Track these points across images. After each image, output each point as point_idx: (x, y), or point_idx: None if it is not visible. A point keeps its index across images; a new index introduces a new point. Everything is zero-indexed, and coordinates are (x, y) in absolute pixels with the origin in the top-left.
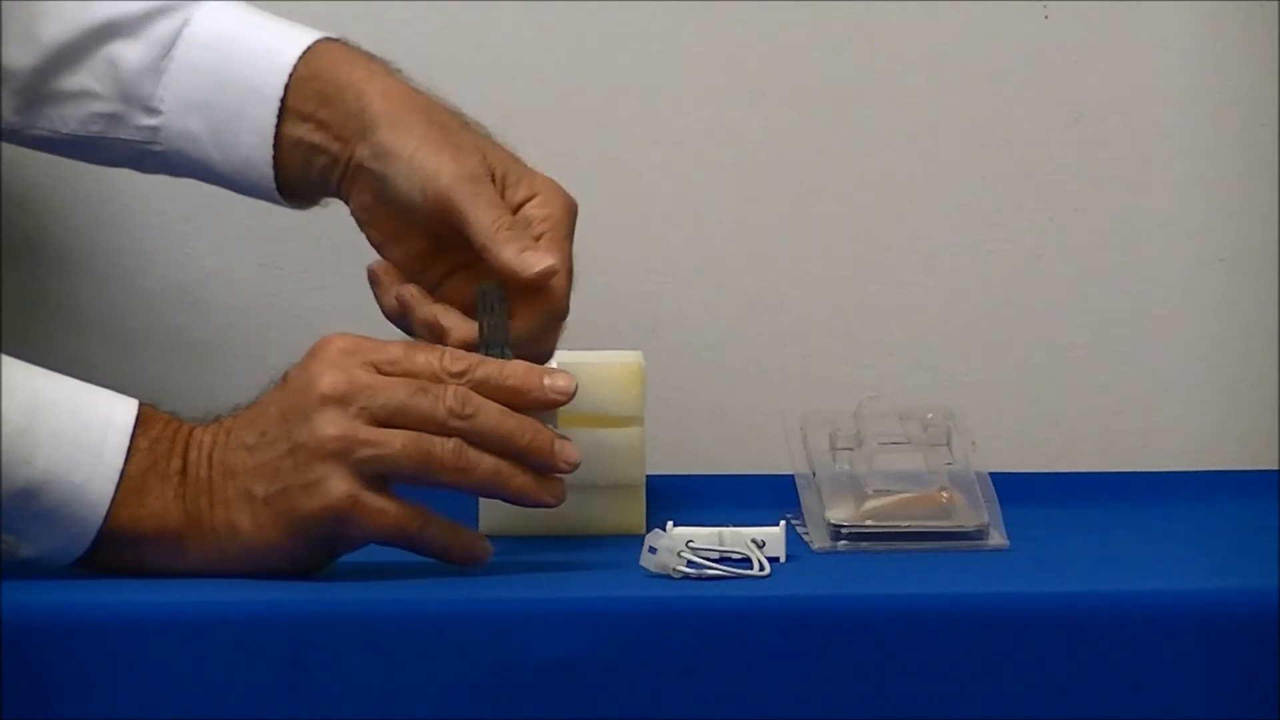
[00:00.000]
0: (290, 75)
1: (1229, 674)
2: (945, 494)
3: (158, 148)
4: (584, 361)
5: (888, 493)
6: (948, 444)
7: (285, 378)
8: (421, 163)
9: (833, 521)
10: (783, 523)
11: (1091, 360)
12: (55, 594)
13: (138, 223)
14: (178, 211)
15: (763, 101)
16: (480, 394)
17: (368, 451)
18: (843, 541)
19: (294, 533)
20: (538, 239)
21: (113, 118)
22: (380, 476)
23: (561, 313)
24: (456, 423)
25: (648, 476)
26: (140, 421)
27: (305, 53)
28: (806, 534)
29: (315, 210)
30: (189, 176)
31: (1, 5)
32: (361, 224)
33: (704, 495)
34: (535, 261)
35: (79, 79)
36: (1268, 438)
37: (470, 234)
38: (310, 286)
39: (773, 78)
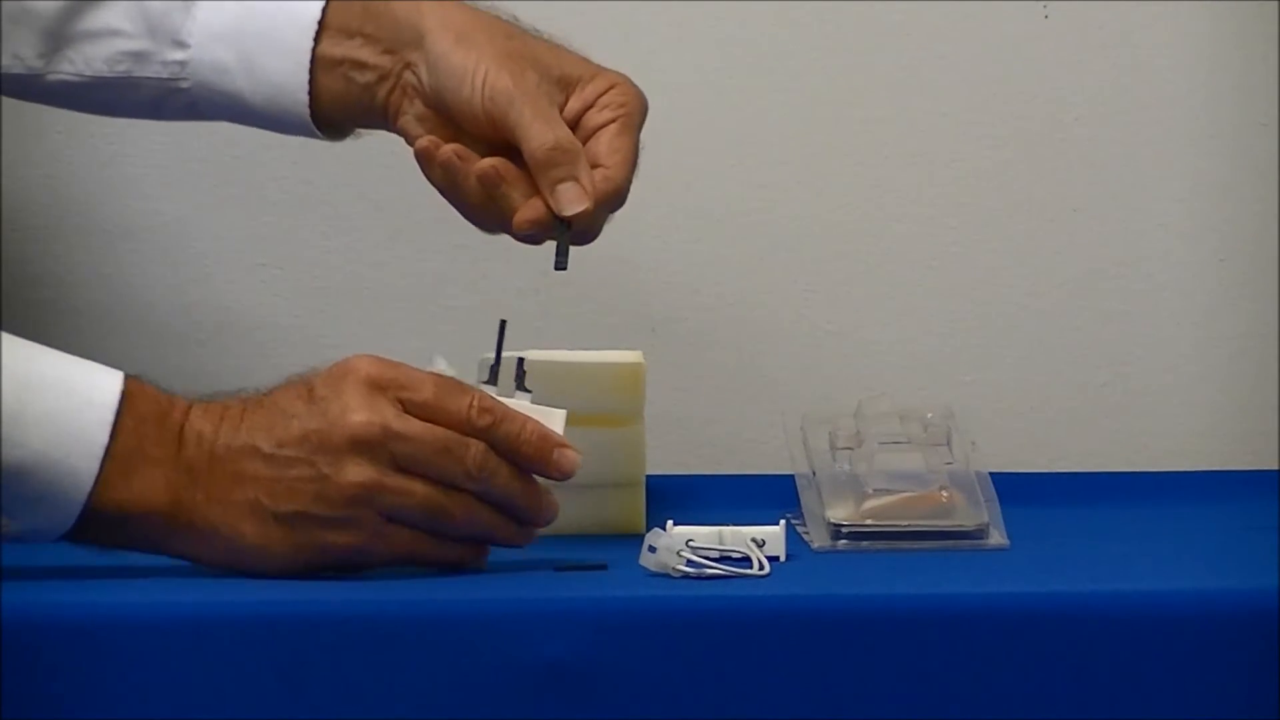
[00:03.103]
0: None
1: (1229, 674)
2: (945, 494)
3: (185, 84)
4: (584, 361)
5: (888, 492)
6: (948, 444)
7: (310, 391)
8: (481, 77)
9: (833, 521)
10: (783, 522)
11: (1091, 360)
12: (55, 594)
13: (138, 223)
14: (177, 211)
15: (762, 101)
16: (496, 446)
17: (391, 498)
18: (843, 541)
19: (306, 554)
20: (610, 124)
21: (139, 55)
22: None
23: (618, 201)
24: (470, 484)
25: (648, 476)
26: (127, 397)
27: None
28: (806, 533)
29: (314, 211)
30: (214, 117)
31: None
32: (410, 136)
33: (704, 495)
34: (567, 204)
35: (105, 17)
36: (1268, 438)
37: (524, 153)
38: (310, 286)
39: (773, 78)
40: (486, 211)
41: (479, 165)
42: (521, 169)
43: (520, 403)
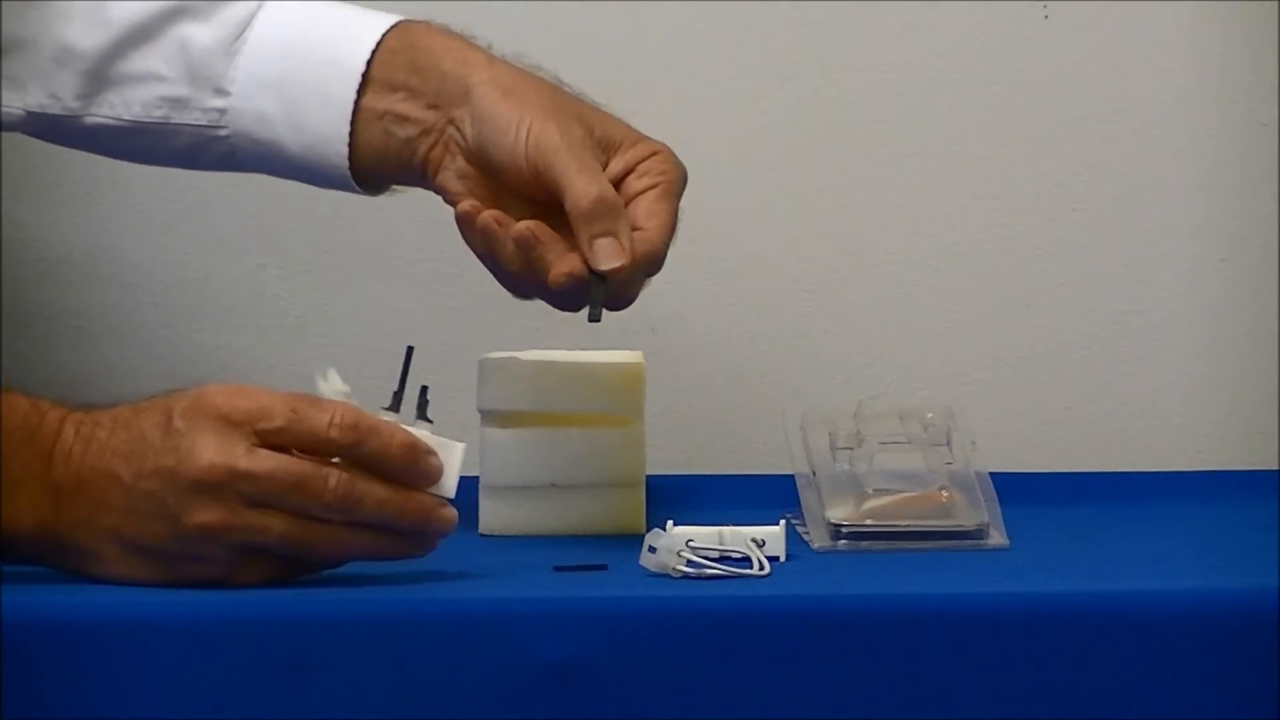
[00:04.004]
0: (375, 49)
1: (1229, 674)
2: (945, 494)
3: (223, 131)
4: (584, 361)
5: (888, 492)
6: (948, 444)
7: (169, 420)
8: (526, 128)
9: (833, 521)
10: (783, 522)
11: (1091, 360)
12: (55, 594)
13: (138, 223)
14: (178, 212)
15: (762, 101)
16: (365, 464)
17: (244, 535)
18: (843, 541)
19: (170, 581)
20: (651, 189)
21: (179, 101)
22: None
23: (654, 265)
24: (333, 515)
25: (648, 476)
26: None
27: (394, 27)
28: (806, 533)
29: (315, 211)
30: (251, 168)
31: None
32: (449, 193)
33: (704, 495)
34: (605, 259)
35: (147, 61)
36: (1268, 438)
37: (566, 204)
38: (310, 286)
39: (773, 78)
40: (523, 276)
41: (515, 228)
42: (558, 232)
43: (420, 432)
